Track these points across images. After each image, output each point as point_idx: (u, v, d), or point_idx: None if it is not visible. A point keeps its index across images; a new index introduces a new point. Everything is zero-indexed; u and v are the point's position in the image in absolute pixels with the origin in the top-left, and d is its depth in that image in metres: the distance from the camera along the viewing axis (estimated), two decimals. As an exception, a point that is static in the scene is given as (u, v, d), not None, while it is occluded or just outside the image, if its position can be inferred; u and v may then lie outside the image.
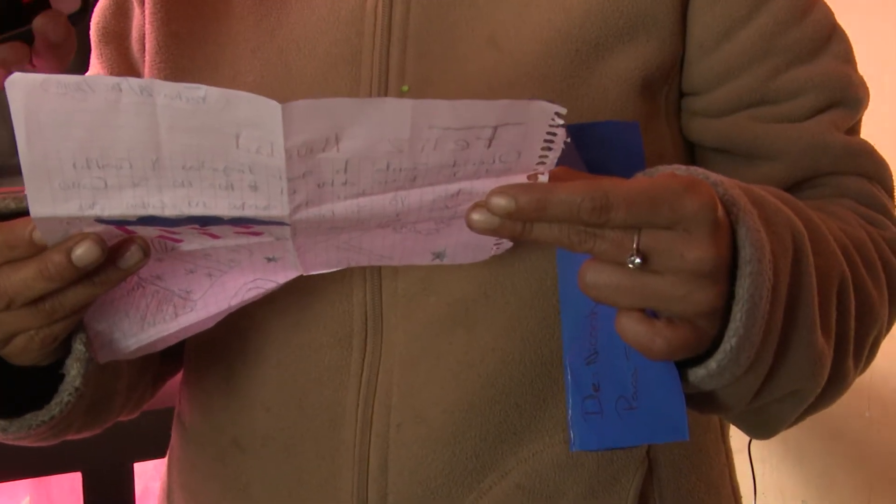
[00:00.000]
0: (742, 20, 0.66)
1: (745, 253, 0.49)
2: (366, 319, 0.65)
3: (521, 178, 0.48)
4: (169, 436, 0.80)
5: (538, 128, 0.46)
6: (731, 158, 0.69)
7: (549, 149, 0.47)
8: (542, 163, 0.47)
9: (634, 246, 0.47)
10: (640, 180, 0.47)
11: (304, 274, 0.57)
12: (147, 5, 0.72)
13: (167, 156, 0.44)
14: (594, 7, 0.63)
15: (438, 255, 0.57)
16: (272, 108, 0.42)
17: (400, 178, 0.47)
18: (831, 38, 0.69)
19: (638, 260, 0.47)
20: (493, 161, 0.47)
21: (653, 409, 0.52)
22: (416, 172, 0.47)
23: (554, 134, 0.46)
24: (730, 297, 0.50)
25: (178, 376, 0.79)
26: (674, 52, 0.66)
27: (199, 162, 0.45)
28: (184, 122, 0.43)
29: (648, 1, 0.64)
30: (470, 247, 0.56)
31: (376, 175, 0.46)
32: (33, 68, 0.56)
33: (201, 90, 0.42)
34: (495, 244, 0.56)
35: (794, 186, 0.68)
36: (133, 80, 0.42)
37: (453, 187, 0.48)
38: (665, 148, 0.69)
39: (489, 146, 0.46)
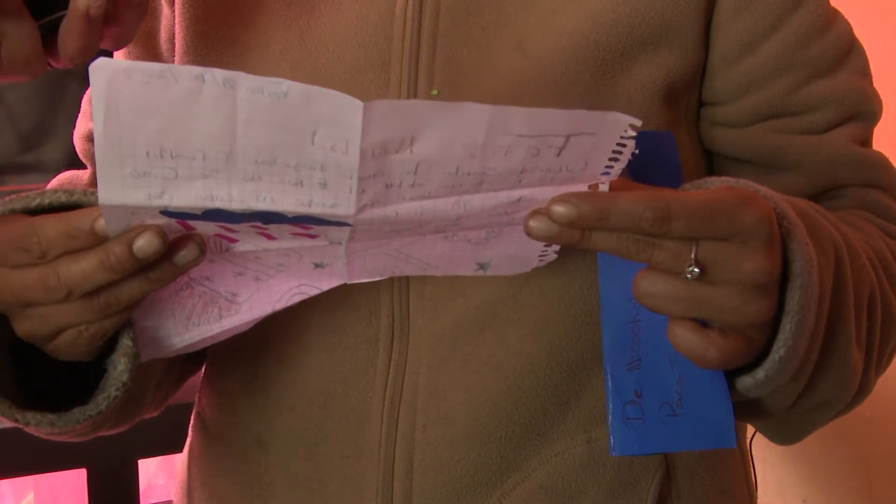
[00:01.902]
0: (765, 33, 0.67)
1: (797, 266, 0.50)
2: (392, 321, 0.65)
3: (582, 187, 0.48)
4: (173, 433, 0.80)
5: (609, 139, 0.46)
6: (751, 168, 0.70)
7: (616, 160, 0.47)
8: (607, 173, 0.48)
9: (693, 257, 0.47)
10: (699, 192, 0.48)
11: (349, 282, 0.57)
12: (177, 5, 0.72)
13: (241, 149, 0.44)
14: (622, 16, 0.64)
15: (482, 266, 0.57)
16: (354, 106, 0.42)
17: (467, 182, 0.47)
18: (850, 52, 0.71)
19: (697, 270, 0.48)
20: (560, 169, 0.47)
21: (698, 415, 0.53)
22: (483, 178, 0.47)
23: (623, 146, 0.46)
24: (777, 307, 0.51)
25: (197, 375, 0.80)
26: (696, 62, 0.67)
27: (272, 157, 0.44)
28: (262, 116, 0.43)
29: (673, 11, 0.65)
30: (516, 258, 0.56)
31: (444, 178, 0.46)
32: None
33: (283, 85, 0.42)
34: (540, 256, 0.56)
35: (813, 198, 0.69)
36: (217, 72, 0.42)
37: (515, 194, 0.48)
38: (686, 156, 0.69)
39: (559, 155, 0.46)
